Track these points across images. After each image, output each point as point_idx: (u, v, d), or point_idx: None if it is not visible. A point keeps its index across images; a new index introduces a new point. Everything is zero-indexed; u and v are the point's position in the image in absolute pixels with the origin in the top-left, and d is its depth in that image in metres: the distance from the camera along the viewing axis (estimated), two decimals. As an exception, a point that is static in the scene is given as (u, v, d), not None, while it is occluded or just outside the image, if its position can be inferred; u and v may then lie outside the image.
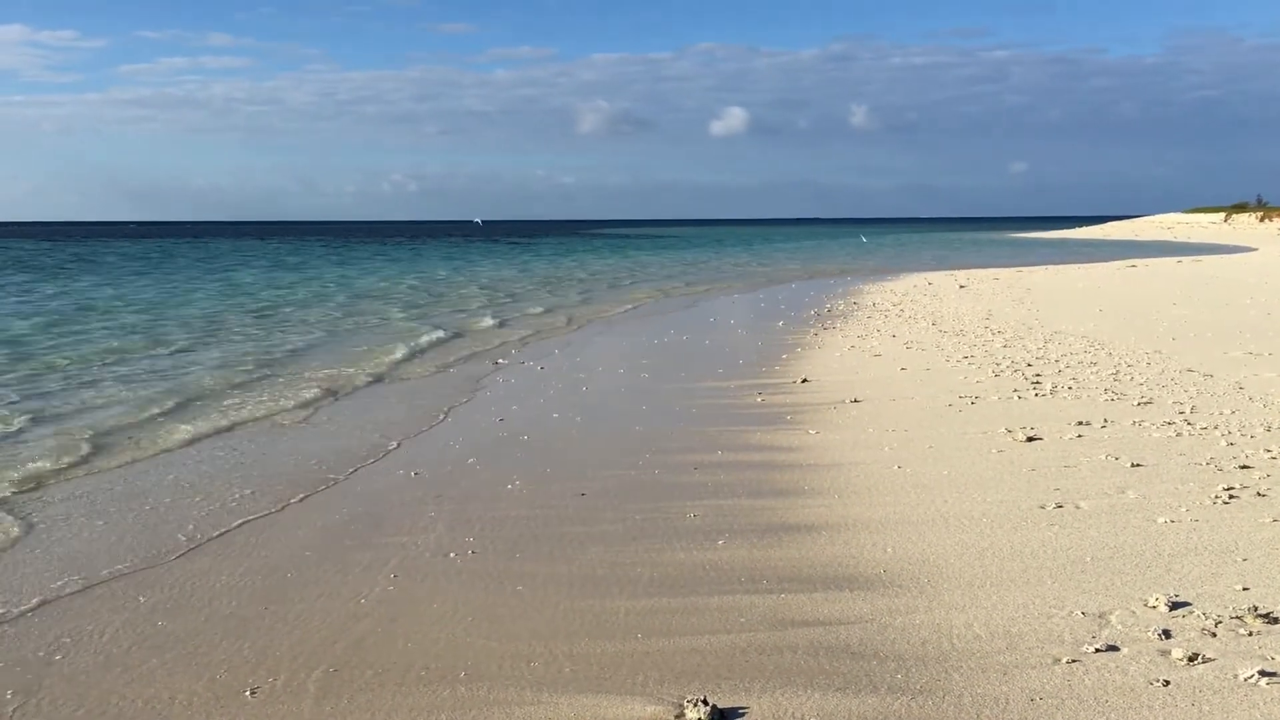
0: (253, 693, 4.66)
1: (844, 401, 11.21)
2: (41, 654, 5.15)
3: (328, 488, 8.25)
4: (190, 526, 7.20)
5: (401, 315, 23.70)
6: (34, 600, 5.86)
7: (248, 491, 8.11)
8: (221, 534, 7.04)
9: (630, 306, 25.94)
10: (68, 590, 6.02)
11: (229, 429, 10.62)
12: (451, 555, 6.48)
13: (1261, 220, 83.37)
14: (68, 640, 5.30)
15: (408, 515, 7.40)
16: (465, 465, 8.87)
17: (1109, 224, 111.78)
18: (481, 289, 32.90)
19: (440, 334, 19.28)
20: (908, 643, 4.96)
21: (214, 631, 5.36)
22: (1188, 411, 9.83)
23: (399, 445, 9.75)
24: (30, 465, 8.95)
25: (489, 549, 6.59)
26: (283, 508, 7.67)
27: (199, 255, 63.33)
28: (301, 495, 8.01)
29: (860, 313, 21.42)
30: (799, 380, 12.74)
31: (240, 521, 7.31)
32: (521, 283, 36.16)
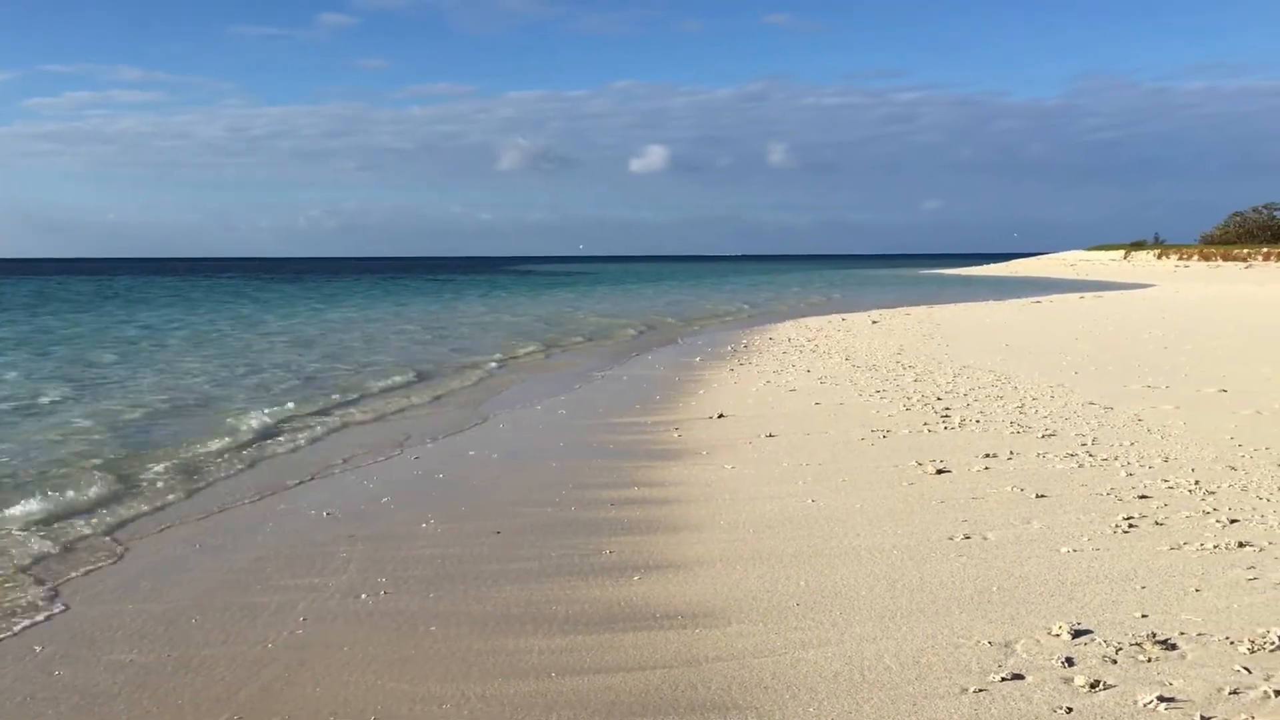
0: (153, 743, 4.51)
1: (759, 436, 11.33)
2: (-74, 708, 4.93)
3: (240, 530, 8.06)
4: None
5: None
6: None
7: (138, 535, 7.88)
8: (121, 574, 6.83)
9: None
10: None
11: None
12: (363, 596, 6.37)
13: (1159, 257, 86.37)
14: (-45, 693, 5.08)
15: (319, 556, 7.25)
16: (379, 504, 8.74)
17: (1015, 261, 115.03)
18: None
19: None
20: (820, 675, 5.00)
21: (113, 680, 5.18)
22: (1089, 443, 10.14)
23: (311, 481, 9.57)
24: None
25: (402, 589, 6.49)
26: (187, 551, 7.47)
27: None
28: (210, 538, 7.81)
29: (776, 348, 21.69)
30: (715, 415, 12.84)
31: (140, 564, 7.11)
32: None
